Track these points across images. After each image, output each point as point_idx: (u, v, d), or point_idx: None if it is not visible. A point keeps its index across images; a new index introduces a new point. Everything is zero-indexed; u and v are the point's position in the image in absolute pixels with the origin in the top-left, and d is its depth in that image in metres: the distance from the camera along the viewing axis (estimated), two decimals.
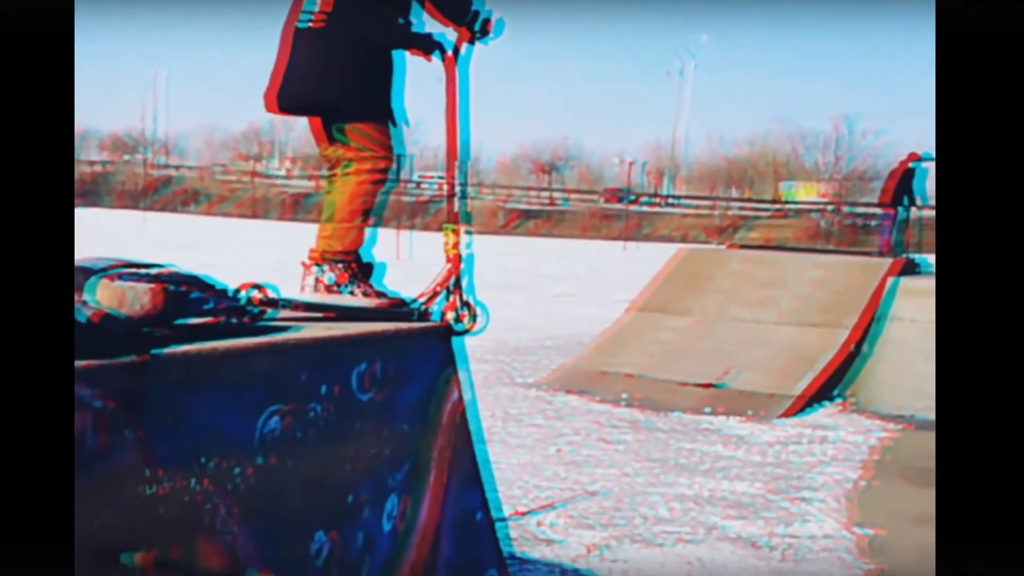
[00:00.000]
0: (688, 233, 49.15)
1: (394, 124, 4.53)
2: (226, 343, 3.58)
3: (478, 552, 4.58)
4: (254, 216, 61.32)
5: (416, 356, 4.46)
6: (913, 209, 19.81)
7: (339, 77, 4.34)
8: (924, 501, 9.44)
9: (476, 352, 15.41)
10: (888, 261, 15.86)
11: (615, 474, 9.62)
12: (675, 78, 73.33)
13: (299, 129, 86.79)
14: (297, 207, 62.90)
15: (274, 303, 4.49)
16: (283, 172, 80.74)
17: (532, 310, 21.49)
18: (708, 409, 12.71)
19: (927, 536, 8.28)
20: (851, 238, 44.86)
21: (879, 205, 22.34)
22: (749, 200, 61.74)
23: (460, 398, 4.62)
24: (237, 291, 4.09)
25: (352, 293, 4.53)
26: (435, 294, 4.71)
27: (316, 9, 4.44)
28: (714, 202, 59.47)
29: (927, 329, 14.00)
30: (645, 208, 57.76)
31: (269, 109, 4.57)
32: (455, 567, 4.38)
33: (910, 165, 19.73)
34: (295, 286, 4.71)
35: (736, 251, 19.79)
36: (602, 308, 18.63)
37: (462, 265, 4.71)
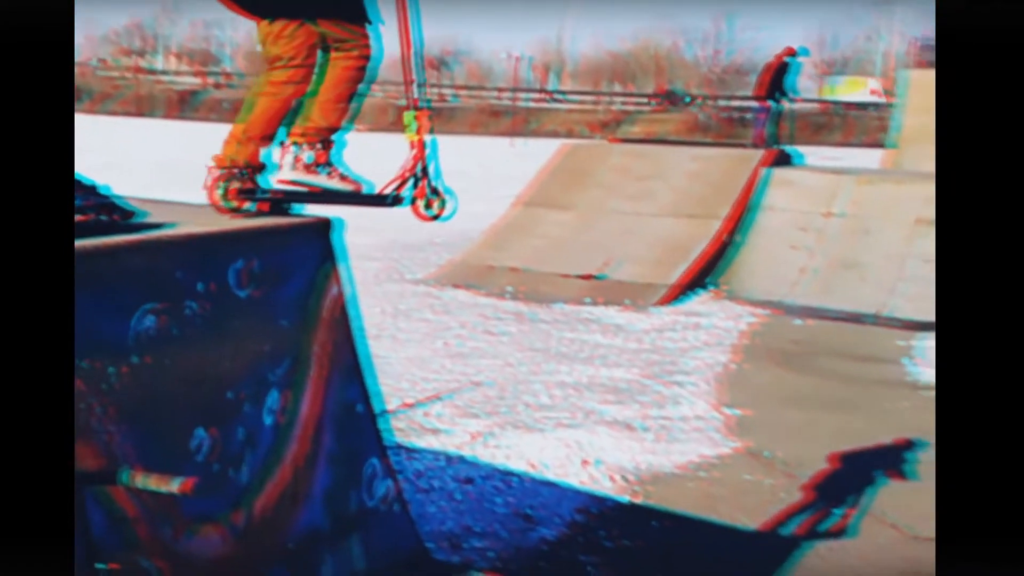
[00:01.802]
0: (573, 128, 49.20)
1: (370, 23, 4.46)
2: (95, 241, 3.48)
3: (359, 443, 4.62)
4: (139, 114, 59.17)
5: (294, 252, 4.40)
6: (785, 102, 20.07)
7: None
8: (789, 382, 9.82)
9: (366, 250, 15.38)
10: (760, 153, 16.08)
11: (499, 364, 9.76)
12: None
13: (183, 24, 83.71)
14: (184, 105, 61.07)
15: (253, 192, 4.45)
16: (169, 68, 78.02)
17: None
18: (588, 300, 12.92)
19: (792, 415, 8.67)
20: (728, 131, 45.40)
21: (754, 98, 22.58)
22: (632, 95, 61.89)
23: (340, 293, 4.58)
24: None
25: (329, 174, 4.49)
26: (404, 180, 4.63)
27: None
28: (598, 97, 59.54)
29: (795, 218, 14.40)
30: (532, 104, 57.52)
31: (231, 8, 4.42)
32: (336, 458, 4.41)
33: (784, 59, 19.93)
34: (186, 187, 4.61)
35: (617, 145, 19.92)
36: (490, 204, 18.60)
37: (427, 151, 4.63)
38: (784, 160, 16.00)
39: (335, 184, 4.55)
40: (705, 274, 13.74)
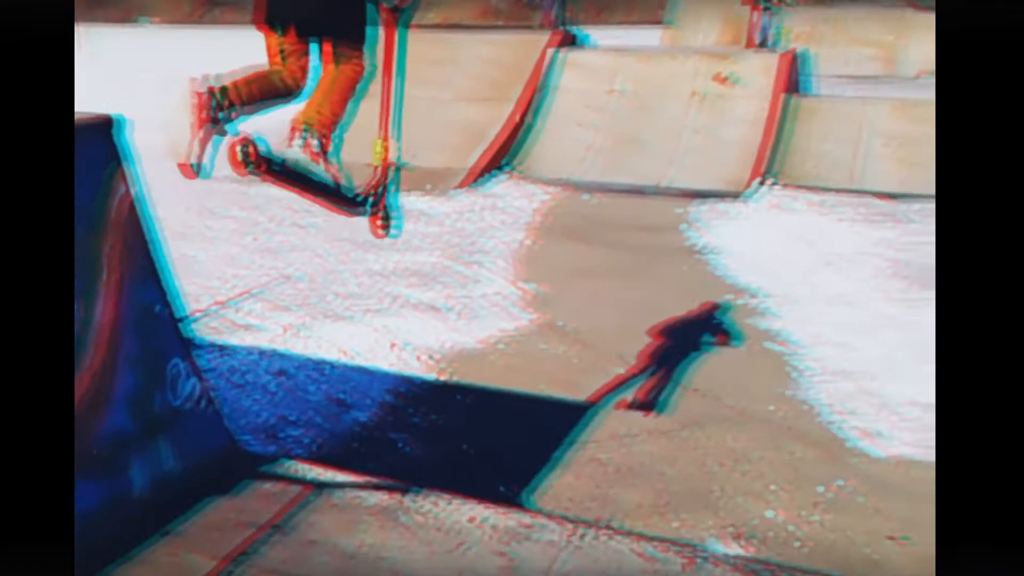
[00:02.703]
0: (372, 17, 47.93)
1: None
2: None
3: (160, 344, 4.51)
4: None
5: (77, 154, 4.22)
6: None
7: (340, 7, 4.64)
8: (580, 255, 10.12)
9: (169, 148, 14.77)
10: (548, 34, 16.05)
11: (309, 256, 9.70)
12: None
13: None
14: None
15: (268, 160, 4.60)
16: None
17: None
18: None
19: (584, 286, 8.97)
20: (520, 15, 45.17)
21: None
22: None
23: (127, 193, 4.38)
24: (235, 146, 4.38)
25: (330, 163, 4.78)
26: (366, 194, 5.12)
27: None
28: None
29: (582, 97, 14.62)
30: None
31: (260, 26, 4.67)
32: (137, 360, 4.30)
33: None
34: None
35: (414, 32, 19.56)
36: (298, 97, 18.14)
37: (387, 177, 5.17)
38: (571, 41, 16.06)
39: (330, 176, 4.79)
40: (501, 156, 13.85)
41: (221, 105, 4.57)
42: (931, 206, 11.77)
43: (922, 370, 6.85)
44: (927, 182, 12.61)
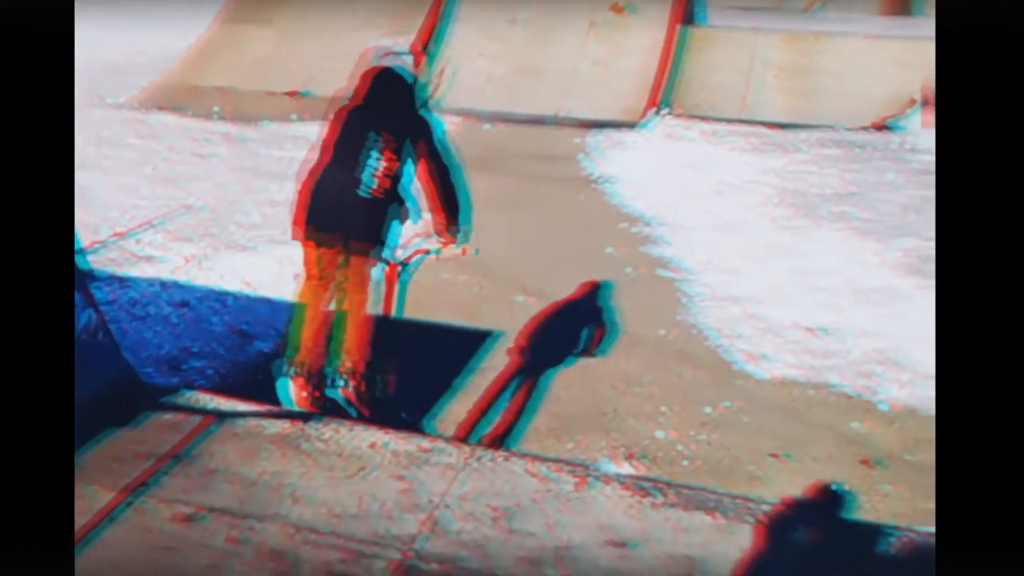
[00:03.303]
0: None
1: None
2: None
3: None
4: None
5: None
6: None
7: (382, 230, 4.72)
8: (482, 185, 9.95)
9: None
10: None
11: (210, 187, 9.46)
12: None
13: None
14: None
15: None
16: None
17: (118, 25, 19.82)
18: (295, 116, 12.60)
19: (486, 216, 8.86)
20: None
21: None
22: None
23: None
24: None
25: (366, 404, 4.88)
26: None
27: (375, 186, 4.59)
28: None
29: (483, 26, 14.41)
30: None
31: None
32: None
33: None
34: None
35: None
36: (191, 20, 17.52)
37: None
38: None
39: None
40: None
41: (316, 377, 4.76)
42: (817, 134, 12.00)
43: (804, 296, 7.05)
44: (814, 112, 12.85)
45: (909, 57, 13.35)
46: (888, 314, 6.70)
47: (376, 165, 4.55)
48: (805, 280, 7.35)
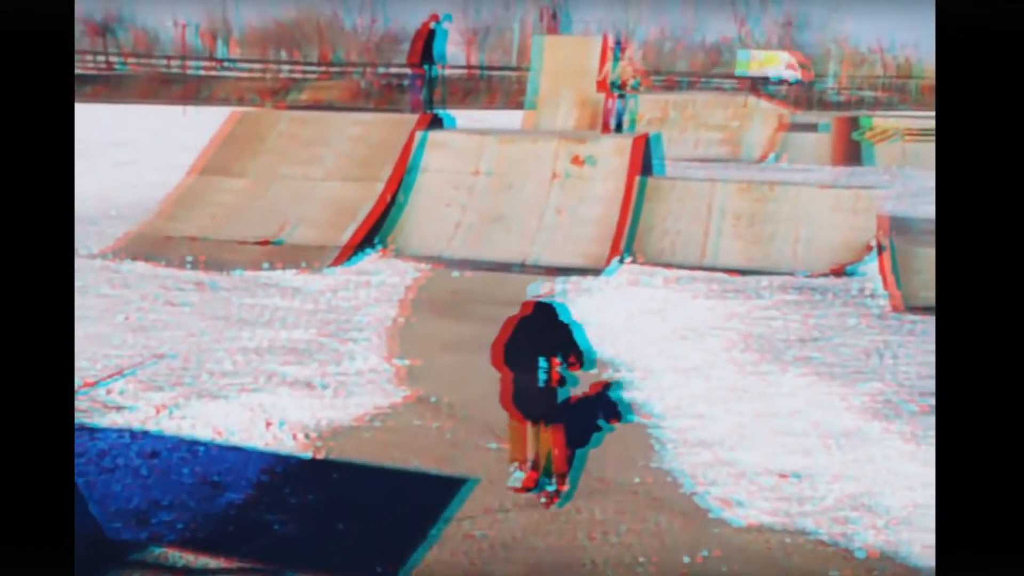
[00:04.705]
0: (244, 95, 47.38)
1: None
2: None
3: None
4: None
5: None
6: (438, 67, 20.09)
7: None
8: (450, 331, 10.04)
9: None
10: (415, 117, 16.10)
11: (182, 335, 9.35)
12: None
13: None
14: None
15: None
16: None
17: (94, 179, 19.95)
18: (266, 264, 12.60)
19: (453, 361, 8.88)
20: (389, 97, 45.35)
21: (408, 65, 22.52)
22: (298, 62, 60.41)
23: None
24: None
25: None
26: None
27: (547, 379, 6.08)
28: (266, 65, 57.67)
29: (449, 177, 14.68)
30: (202, 72, 54.83)
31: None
32: None
33: (431, 26, 19.96)
34: None
35: (285, 112, 19.38)
36: (165, 173, 17.65)
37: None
38: (437, 123, 16.16)
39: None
40: (373, 234, 13.74)
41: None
42: (778, 280, 12.16)
43: (774, 440, 6.99)
44: (771, 258, 13.06)
45: (860, 204, 13.70)
46: (858, 458, 6.65)
47: (545, 366, 6.07)
48: (773, 424, 7.30)
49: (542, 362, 6.05)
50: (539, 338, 6.19)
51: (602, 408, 7.74)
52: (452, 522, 5.68)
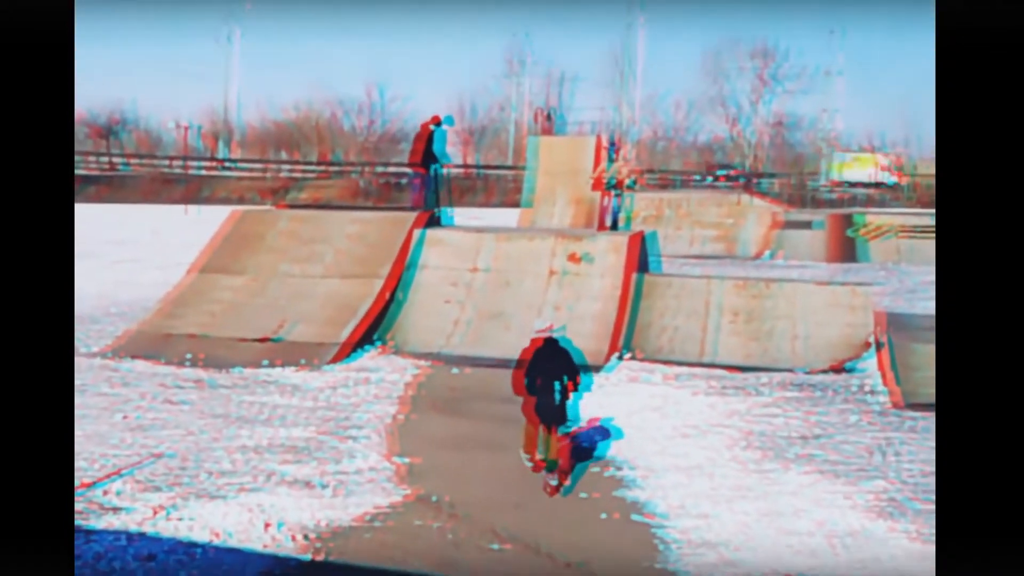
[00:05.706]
0: (245, 195, 47.88)
1: None
2: None
3: None
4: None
5: None
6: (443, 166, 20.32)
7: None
8: (449, 428, 9.96)
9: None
10: (414, 215, 16.13)
11: (181, 434, 9.24)
12: (224, 44, 70.21)
13: None
14: None
15: None
16: None
17: (96, 278, 20.00)
18: (266, 362, 12.55)
19: (454, 458, 8.78)
20: (387, 195, 45.81)
21: (409, 165, 22.78)
22: (298, 162, 61.21)
23: None
24: None
25: None
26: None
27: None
28: (266, 165, 58.41)
29: (447, 274, 14.74)
30: (204, 172, 55.46)
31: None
32: None
33: (431, 128, 20.24)
34: None
35: (284, 211, 19.54)
36: (165, 272, 17.72)
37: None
38: (435, 221, 16.26)
39: None
40: (372, 331, 13.73)
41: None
42: (777, 377, 12.10)
43: (778, 540, 6.88)
44: (770, 355, 13.04)
45: (857, 300, 13.74)
46: (864, 559, 6.53)
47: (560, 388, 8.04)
48: (778, 523, 7.19)
49: (557, 385, 8.00)
50: (551, 365, 8.14)
51: (597, 432, 9.41)
52: None
